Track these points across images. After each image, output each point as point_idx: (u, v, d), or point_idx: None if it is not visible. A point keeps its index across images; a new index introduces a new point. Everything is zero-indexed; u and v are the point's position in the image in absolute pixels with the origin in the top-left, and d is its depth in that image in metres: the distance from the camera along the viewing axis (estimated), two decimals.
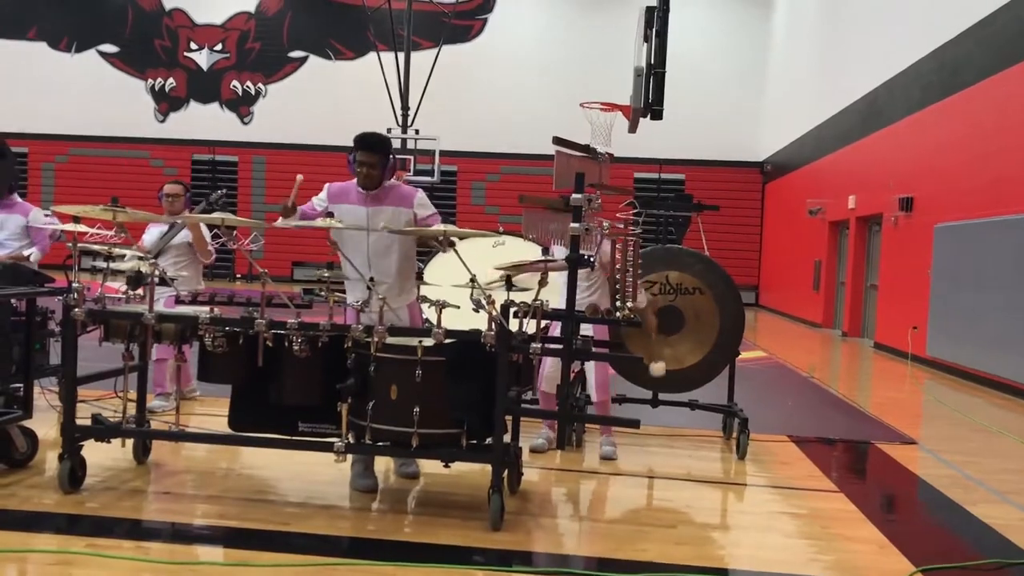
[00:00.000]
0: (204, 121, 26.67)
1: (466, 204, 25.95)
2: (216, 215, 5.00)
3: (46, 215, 6.80)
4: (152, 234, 6.84)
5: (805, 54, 21.08)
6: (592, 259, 4.99)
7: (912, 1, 14.12)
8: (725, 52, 25.53)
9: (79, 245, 4.62)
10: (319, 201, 4.99)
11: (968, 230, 11.23)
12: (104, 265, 4.72)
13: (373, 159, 4.85)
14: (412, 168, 20.94)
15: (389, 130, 21.15)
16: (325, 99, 25.95)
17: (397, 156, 5.41)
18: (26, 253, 6.62)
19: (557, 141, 4.92)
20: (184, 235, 6.72)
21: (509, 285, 4.47)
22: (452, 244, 4.57)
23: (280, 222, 4.89)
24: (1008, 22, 10.69)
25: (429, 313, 5.66)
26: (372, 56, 23.30)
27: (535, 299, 4.37)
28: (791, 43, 22.79)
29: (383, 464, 5.30)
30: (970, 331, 10.92)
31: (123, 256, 4.98)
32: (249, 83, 26.90)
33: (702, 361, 6.38)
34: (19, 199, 6.79)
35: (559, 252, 4.99)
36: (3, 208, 6.56)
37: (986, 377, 10.47)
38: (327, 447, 4.37)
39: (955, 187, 11.89)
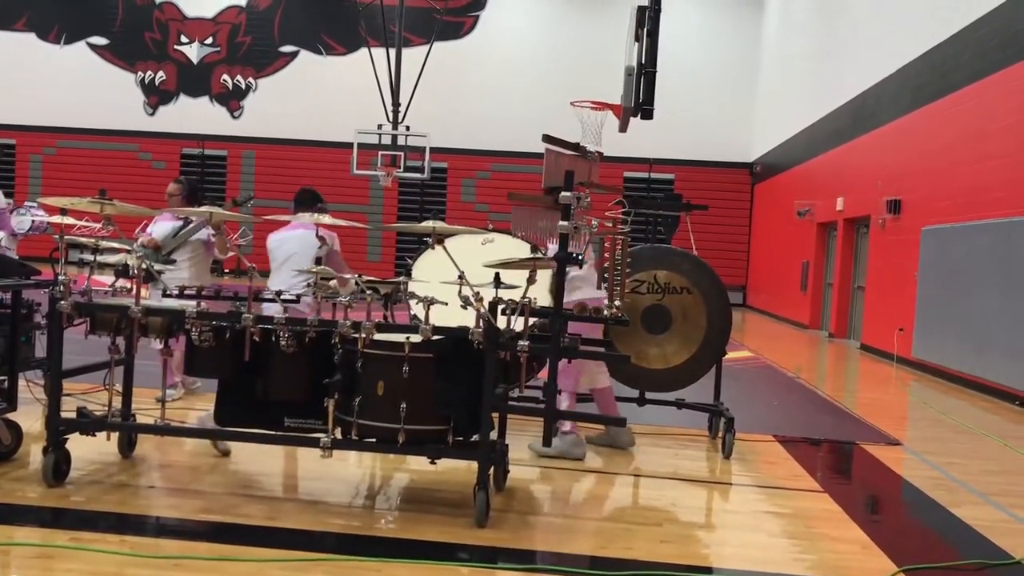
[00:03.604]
0: (194, 115, 26.56)
1: (456, 201, 25.93)
2: (204, 209, 4.99)
3: (31, 205, 6.77)
4: (163, 227, 6.81)
5: (796, 56, 21.14)
6: (581, 257, 4.99)
7: (902, 4, 14.17)
8: (716, 53, 25.58)
9: (66, 237, 4.60)
10: None
11: (955, 233, 11.29)
12: (91, 257, 4.70)
13: None
14: (403, 165, 20.90)
15: (380, 126, 21.12)
16: (316, 94, 25.88)
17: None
18: None
19: (547, 139, 4.93)
20: (202, 234, 6.72)
21: (498, 282, 4.47)
22: (441, 241, 4.57)
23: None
24: (996, 27, 10.75)
25: (417, 309, 5.65)
26: (363, 52, 23.26)
27: (523, 296, 4.37)
28: (782, 44, 22.86)
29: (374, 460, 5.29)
30: (956, 333, 10.98)
31: (118, 245, 4.97)
32: (239, 77, 26.81)
33: (689, 360, 6.39)
34: None
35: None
36: None
37: (971, 379, 10.53)
38: (313, 443, 4.37)
39: (942, 190, 11.95)
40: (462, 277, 4.34)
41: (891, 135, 14.21)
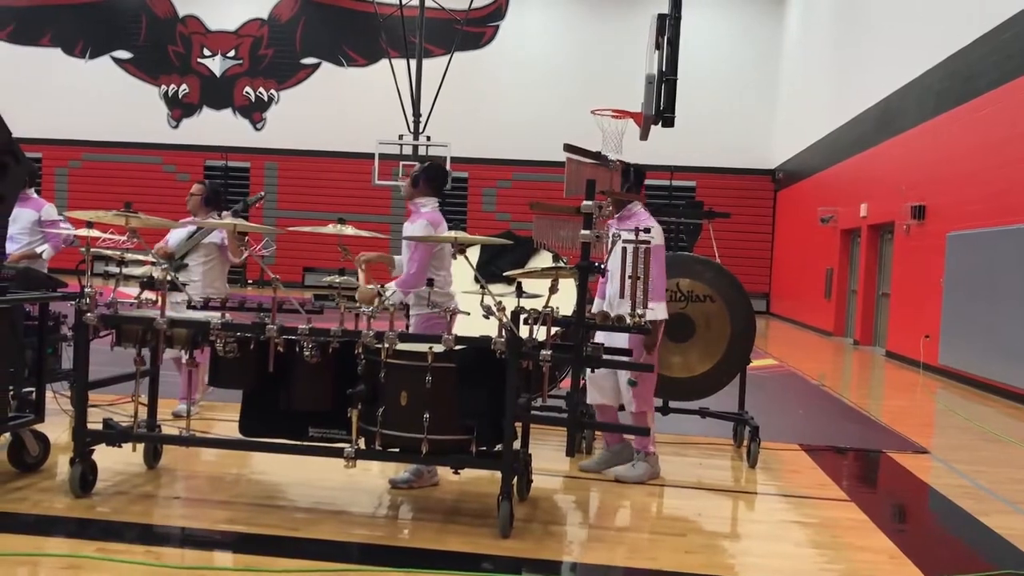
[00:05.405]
0: (217, 127, 26.78)
1: (477, 211, 25.97)
2: (227, 220, 5.02)
3: (59, 218, 6.84)
4: (178, 235, 6.84)
5: (817, 62, 21.04)
6: (603, 267, 4.98)
7: (925, 8, 14.08)
8: (737, 59, 25.50)
9: (92, 250, 4.64)
10: None
11: (981, 238, 11.18)
12: (117, 270, 4.74)
13: None
14: None
15: (401, 137, 21.21)
16: (337, 105, 26.02)
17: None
18: (38, 250, 6.64)
19: (568, 148, 4.93)
20: (214, 236, 6.68)
21: (519, 291, 4.47)
22: (462, 251, 4.58)
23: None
24: (1020, 31, 10.65)
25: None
26: (384, 63, 23.37)
27: (545, 305, 4.37)
28: (804, 50, 22.76)
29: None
30: (983, 340, 10.86)
31: (143, 257, 5.01)
32: (262, 89, 27.01)
33: (712, 369, 6.36)
34: (34, 195, 6.81)
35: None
36: (16, 202, 6.59)
37: (999, 386, 10.41)
38: (337, 453, 4.38)
39: (968, 195, 11.84)
40: (484, 286, 4.34)
41: (915, 140, 14.10)
